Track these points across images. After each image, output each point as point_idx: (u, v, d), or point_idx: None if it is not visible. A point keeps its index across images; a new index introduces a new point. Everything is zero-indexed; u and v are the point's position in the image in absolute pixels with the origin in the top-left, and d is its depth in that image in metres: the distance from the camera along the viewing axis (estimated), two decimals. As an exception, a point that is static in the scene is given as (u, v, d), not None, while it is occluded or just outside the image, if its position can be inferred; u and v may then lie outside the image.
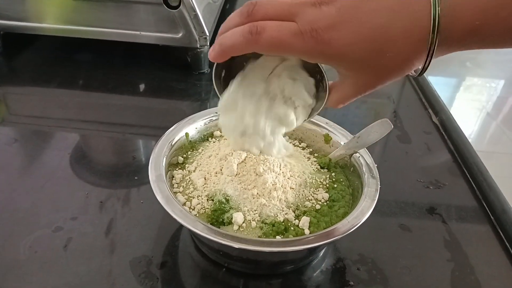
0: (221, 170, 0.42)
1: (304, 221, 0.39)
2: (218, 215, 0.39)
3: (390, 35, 0.29)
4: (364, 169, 0.42)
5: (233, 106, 0.37)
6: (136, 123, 0.63)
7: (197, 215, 0.39)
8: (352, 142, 0.44)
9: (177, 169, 0.44)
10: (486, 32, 0.28)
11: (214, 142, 0.47)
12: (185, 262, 0.42)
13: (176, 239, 0.44)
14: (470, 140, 0.61)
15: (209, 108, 0.50)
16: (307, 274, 0.42)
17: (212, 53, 0.32)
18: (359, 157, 0.44)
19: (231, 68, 0.37)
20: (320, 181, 0.44)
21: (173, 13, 0.67)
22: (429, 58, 0.30)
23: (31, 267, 0.40)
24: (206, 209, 0.39)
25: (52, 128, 0.61)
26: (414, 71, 0.32)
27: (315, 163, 0.46)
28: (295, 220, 0.39)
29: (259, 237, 0.37)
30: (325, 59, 0.31)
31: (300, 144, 0.50)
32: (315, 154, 0.48)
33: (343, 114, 0.69)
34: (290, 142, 0.49)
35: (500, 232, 0.48)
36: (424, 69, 0.31)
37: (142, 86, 0.73)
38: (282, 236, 0.37)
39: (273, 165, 0.41)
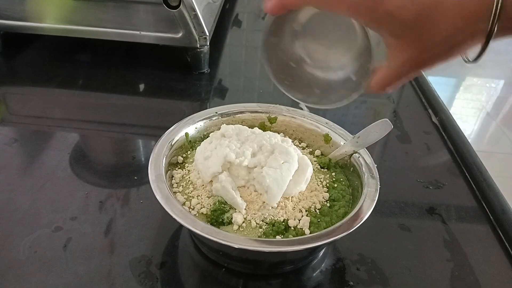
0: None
1: (304, 221, 0.39)
2: (218, 215, 0.39)
3: (442, 4, 0.27)
4: (364, 169, 0.42)
5: None
6: (136, 123, 0.63)
7: (197, 215, 0.39)
8: (352, 142, 0.44)
9: (176, 168, 0.44)
10: None
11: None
12: (185, 262, 0.42)
13: (176, 239, 0.44)
14: (469, 140, 0.61)
15: (209, 108, 0.50)
16: (307, 274, 0.42)
17: (269, 4, 0.30)
18: (359, 157, 0.44)
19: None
20: (320, 181, 0.44)
21: (173, 13, 0.67)
22: (488, 38, 0.27)
23: (30, 267, 0.40)
24: (206, 209, 0.39)
25: (52, 128, 0.61)
26: (468, 57, 0.30)
27: (315, 163, 0.46)
28: (295, 220, 0.39)
29: (259, 237, 0.37)
30: (373, 18, 0.29)
31: (300, 144, 0.50)
32: (315, 154, 0.48)
33: (343, 114, 0.69)
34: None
35: (500, 232, 0.48)
36: (482, 51, 0.29)
37: (142, 86, 0.73)
38: (282, 236, 0.37)
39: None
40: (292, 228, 0.38)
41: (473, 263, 0.44)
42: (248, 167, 0.40)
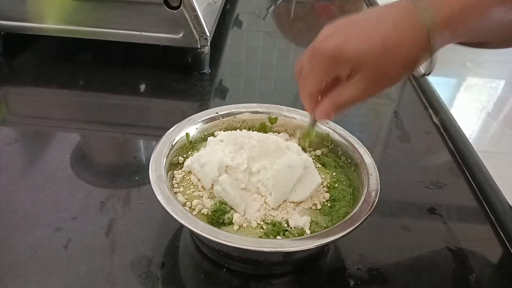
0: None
1: (305, 221, 0.39)
2: (219, 216, 0.39)
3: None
4: (364, 169, 0.42)
5: None
6: (137, 123, 0.63)
7: (198, 215, 0.39)
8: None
9: (177, 169, 0.44)
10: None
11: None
12: (186, 262, 0.42)
13: (177, 239, 0.44)
14: (470, 140, 0.61)
15: (210, 108, 0.50)
16: (308, 274, 0.42)
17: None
18: (359, 157, 0.44)
19: None
20: (321, 181, 0.43)
21: (173, 14, 0.67)
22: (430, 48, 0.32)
23: (31, 267, 0.40)
24: (207, 210, 0.39)
25: (52, 128, 0.61)
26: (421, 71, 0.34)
27: (315, 162, 0.46)
28: (296, 220, 0.39)
29: (259, 237, 0.37)
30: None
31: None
32: (316, 154, 0.48)
33: (343, 114, 0.69)
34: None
35: (501, 232, 0.48)
36: (431, 64, 0.33)
37: (142, 86, 0.73)
38: (282, 236, 0.37)
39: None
40: (293, 228, 0.38)
41: (474, 263, 0.44)
42: (251, 171, 0.40)
